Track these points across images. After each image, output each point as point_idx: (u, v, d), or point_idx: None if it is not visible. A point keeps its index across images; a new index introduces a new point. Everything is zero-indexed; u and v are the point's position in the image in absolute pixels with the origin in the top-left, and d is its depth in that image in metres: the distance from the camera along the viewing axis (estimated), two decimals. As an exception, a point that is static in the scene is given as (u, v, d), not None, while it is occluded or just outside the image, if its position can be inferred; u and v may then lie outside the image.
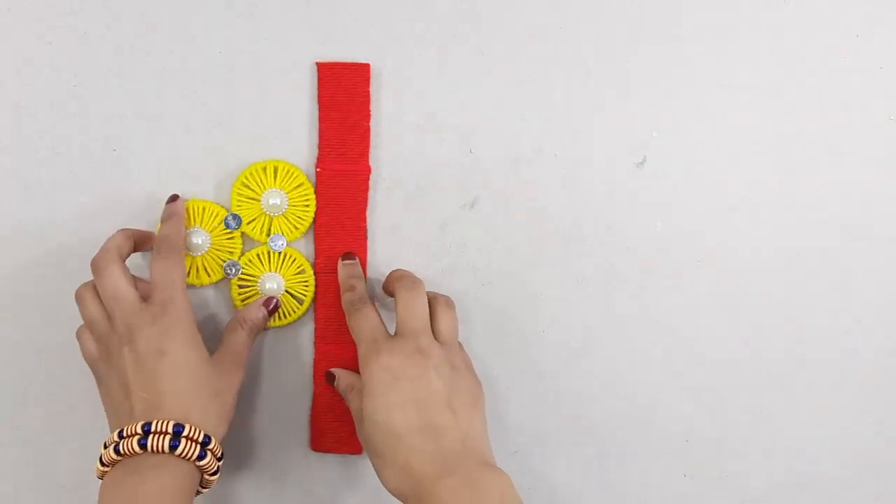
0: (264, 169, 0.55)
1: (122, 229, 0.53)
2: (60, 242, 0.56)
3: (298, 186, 0.55)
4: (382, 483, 0.49)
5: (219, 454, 0.49)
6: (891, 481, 0.58)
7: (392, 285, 0.54)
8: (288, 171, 0.55)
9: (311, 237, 0.56)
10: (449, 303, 0.54)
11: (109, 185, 0.56)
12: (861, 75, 0.57)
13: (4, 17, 0.55)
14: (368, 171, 0.56)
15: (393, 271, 0.55)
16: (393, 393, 0.49)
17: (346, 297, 0.54)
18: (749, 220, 0.57)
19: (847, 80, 0.57)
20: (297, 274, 0.55)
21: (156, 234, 0.53)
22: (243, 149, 0.56)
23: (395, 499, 0.55)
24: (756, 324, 0.58)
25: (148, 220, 0.55)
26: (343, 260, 0.55)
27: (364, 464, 0.56)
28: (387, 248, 0.57)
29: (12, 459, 0.56)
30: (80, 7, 0.55)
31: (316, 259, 0.56)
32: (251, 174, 0.55)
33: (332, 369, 0.55)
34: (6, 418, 0.56)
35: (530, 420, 0.57)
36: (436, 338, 0.52)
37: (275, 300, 0.55)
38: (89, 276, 0.55)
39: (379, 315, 0.53)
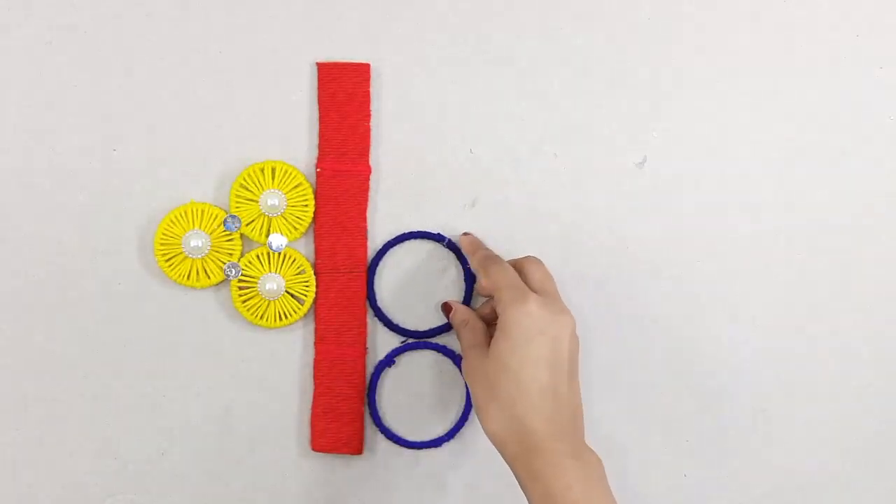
0: (262, 170, 0.55)
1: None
2: (60, 242, 0.56)
3: (296, 187, 0.55)
4: (482, 422, 0.49)
5: None
6: (891, 481, 0.58)
7: (500, 262, 0.53)
8: (286, 172, 0.55)
9: (310, 237, 0.56)
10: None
11: (109, 185, 0.56)
12: (861, 75, 0.57)
13: (4, 16, 0.55)
14: (368, 171, 0.56)
15: (484, 253, 0.54)
16: (532, 346, 0.48)
17: (479, 255, 0.54)
18: (749, 220, 0.57)
19: (847, 80, 0.57)
20: (297, 274, 0.55)
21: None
22: (243, 149, 0.56)
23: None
24: (756, 323, 0.58)
25: (146, 221, 0.55)
26: (464, 235, 0.56)
27: (364, 464, 0.57)
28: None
29: (12, 459, 0.56)
30: (80, 7, 0.55)
31: (316, 259, 0.56)
32: (249, 175, 0.55)
33: (448, 301, 0.56)
34: (6, 418, 0.56)
35: (530, 420, 0.57)
36: None
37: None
38: (88, 276, 0.55)
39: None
